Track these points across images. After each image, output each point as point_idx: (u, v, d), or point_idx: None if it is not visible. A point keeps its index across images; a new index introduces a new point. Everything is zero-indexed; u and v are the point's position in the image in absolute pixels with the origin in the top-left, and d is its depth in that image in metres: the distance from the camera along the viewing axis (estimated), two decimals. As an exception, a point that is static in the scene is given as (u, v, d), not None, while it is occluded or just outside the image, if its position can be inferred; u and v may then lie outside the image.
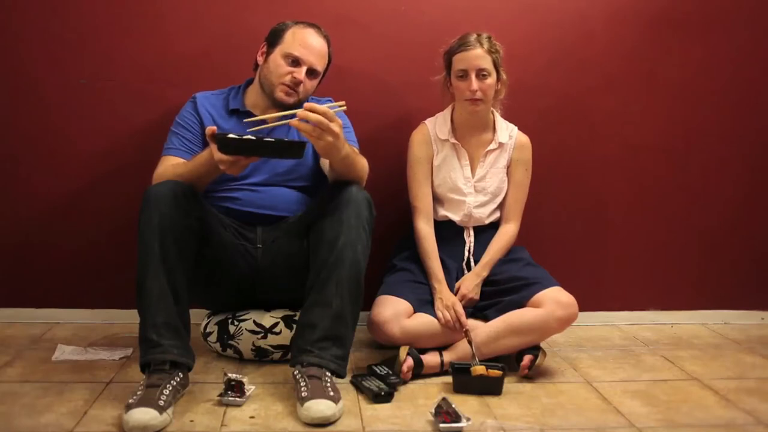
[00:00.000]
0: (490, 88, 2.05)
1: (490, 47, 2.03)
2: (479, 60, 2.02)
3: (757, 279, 2.60)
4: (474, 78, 2.02)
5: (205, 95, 2.04)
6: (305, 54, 1.94)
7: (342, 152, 1.72)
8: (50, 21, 2.23)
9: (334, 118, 1.64)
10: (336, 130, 1.64)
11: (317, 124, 1.62)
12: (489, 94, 2.06)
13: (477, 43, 2.03)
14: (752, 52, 2.51)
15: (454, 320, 1.95)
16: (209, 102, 2.02)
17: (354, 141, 2.01)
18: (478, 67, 2.02)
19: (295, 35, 1.96)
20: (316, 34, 1.98)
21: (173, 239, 1.68)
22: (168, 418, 1.55)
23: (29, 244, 2.31)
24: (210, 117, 1.99)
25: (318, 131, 1.63)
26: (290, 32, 1.97)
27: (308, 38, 1.96)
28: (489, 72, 2.03)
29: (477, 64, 2.02)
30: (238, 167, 1.69)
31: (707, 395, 1.85)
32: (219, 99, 2.05)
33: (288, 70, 1.93)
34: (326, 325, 1.72)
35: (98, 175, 2.30)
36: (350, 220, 1.76)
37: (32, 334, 2.19)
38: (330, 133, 1.64)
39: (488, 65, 2.03)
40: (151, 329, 1.65)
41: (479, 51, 2.02)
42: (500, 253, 2.13)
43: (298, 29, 1.98)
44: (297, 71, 1.93)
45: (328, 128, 1.63)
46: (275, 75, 1.94)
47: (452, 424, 1.56)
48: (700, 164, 2.54)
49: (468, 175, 2.15)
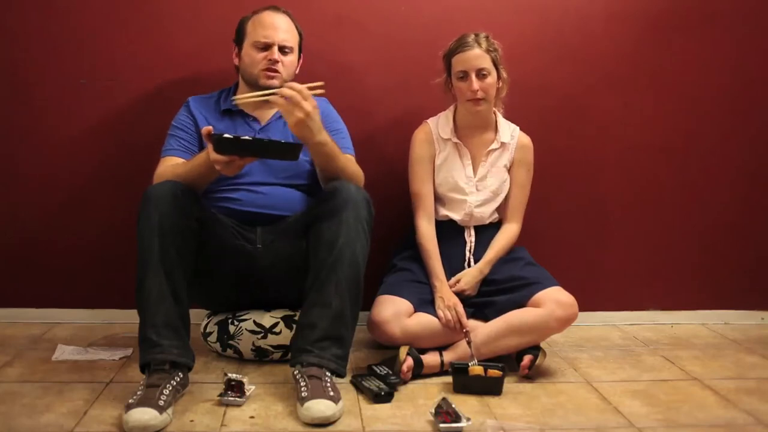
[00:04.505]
0: (491, 87, 2.05)
1: (488, 46, 2.04)
2: (478, 60, 2.02)
3: (757, 279, 2.60)
4: (474, 78, 2.02)
5: (197, 99, 2.07)
6: (270, 35, 1.97)
7: (316, 137, 1.76)
8: (50, 21, 2.23)
9: (308, 98, 1.71)
10: (307, 109, 1.70)
11: (289, 98, 1.68)
12: (490, 93, 2.06)
13: (475, 43, 2.03)
14: (752, 52, 2.51)
15: (455, 321, 1.95)
16: (202, 105, 2.05)
17: (349, 148, 2.02)
18: (477, 67, 2.02)
19: (254, 23, 1.99)
20: (274, 13, 2.00)
21: (173, 239, 1.68)
22: (168, 418, 1.55)
23: (29, 244, 2.31)
24: (204, 119, 2.01)
25: (290, 105, 1.69)
26: (250, 23, 2.01)
27: (268, 19, 1.99)
28: (489, 71, 2.03)
29: (476, 64, 2.02)
30: (234, 167, 1.70)
31: (707, 395, 1.85)
32: (210, 102, 2.07)
33: (261, 56, 1.96)
34: (326, 324, 1.72)
35: (98, 175, 2.30)
36: (349, 219, 1.76)
37: (32, 334, 2.19)
38: (301, 110, 1.69)
39: (487, 64, 2.03)
40: (151, 329, 1.65)
41: (478, 51, 2.02)
42: (502, 252, 2.13)
43: (256, 16, 2.01)
44: (269, 53, 1.96)
45: (299, 104, 1.69)
46: (252, 65, 1.97)
47: (452, 424, 1.56)
48: (700, 164, 2.53)
49: (470, 175, 2.15)
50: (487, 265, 2.10)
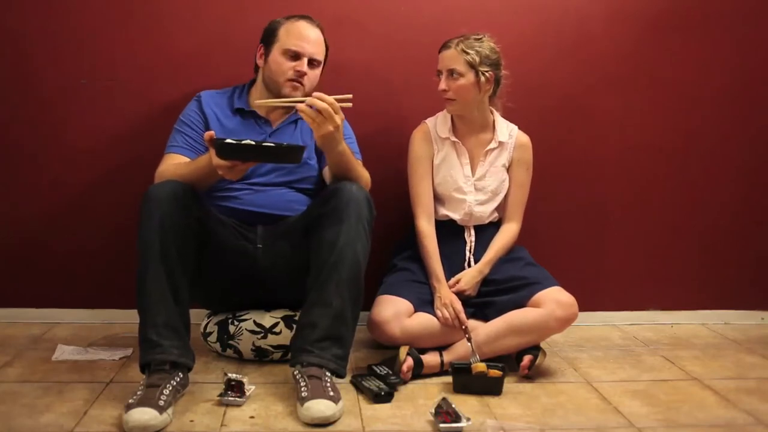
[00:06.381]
0: (462, 88, 2.04)
1: (465, 47, 2.03)
2: (450, 60, 2.04)
3: (757, 279, 2.60)
4: (444, 78, 2.04)
5: (210, 94, 2.05)
6: (303, 46, 1.97)
7: (339, 145, 1.77)
8: (50, 21, 2.23)
9: (339, 111, 1.71)
10: (338, 122, 1.71)
11: (322, 111, 1.68)
12: (461, 94, 2.05)
13: (452, 44, 2.05)
14: (752, 52, 2.51)
15: (453, 318, 1.95)
16: (214, 101, 2.03)
17: (358, 153, 2.02)
18: (448, 68, 2.04)
19: (289, 30, 1.98)
20: (309, 25, 2.00)
21: (173, 239, 1.68)
22: (168, 418, 1.55)
23: (29, 244, 2.31)
24: (215, 116, 1.99)
25: (321, 118, 1.69)
26: (283, 29, 1.99)
27: (303, 30, 1.98)
28: (461, 72, 2.03)
29: (447, 64, 2.04)
30: (237, 172, 1.69)
31: (707, 395, 1.85)
32: (224, 98, 2.05)
33: (290, 66, 1.96)
34: (326, 324, 1.72)
35: (98, 175, 2.30)
36: (350, 219, 1.76)
37: (32, 334, 2.19)
38: (332, 123, 1.70)
39: (460, 66, 2.02)
40: (152, 329, 1.65)
41: (451, 52, 2.04)
42: (502, 251, 2.13)
43: (291, 24, 1.99)
44: (298, 64, 1.96)
45: (331, 117, 1.70)
46: (279, 73, 1.96)
47: (452, 424, 1.56)
48: (700, 164, 2.53)
49: (468, 174, 2.15)
50: (487, 265, 2.10)
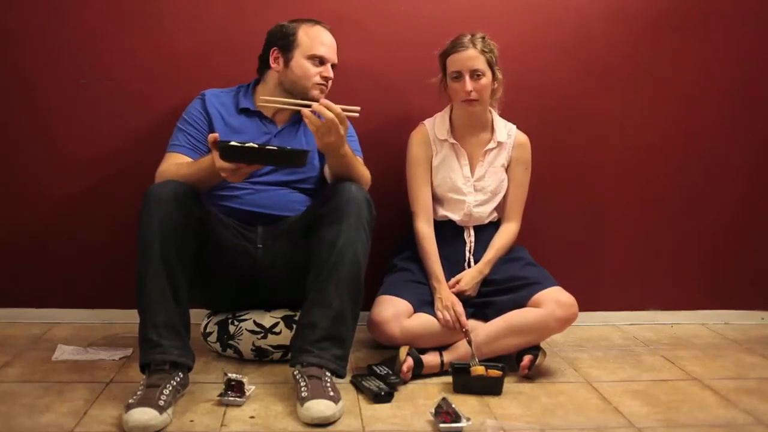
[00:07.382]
0: (485, 88, 2.05)
1: (483, 47, 2.03)
2: (472, 61, 2.02)
3: (757, 279, 2.60)
4: (468, 79, 2.02)
5: (214, 93, 2.04)
6: (328, 52, 2.00)
7: (340, 150, 1.77)
8: (50, 21, 2.23)
9: (344, 122, 1.72)
10: (342, 133, 1.73)
11: (328, 121, 1.68)
12: (484, 94, 2.06)
13: (470, 44, 2.03)
14: (752, 52, 2.51)
15: (454, 320, 1.95)
16: (219, 100, 2.02)
17: (359, 150, 2.03)
18: (471, 68, 2.02)
19: (309, 35, 1.98)
20: (326, 30, 2.02)
21: (174, 240, 1.68)
22: (168, 418, 1.55)
23: (29, 244, 2.31)
24: (219, 115, 1.99)
25: (326, 128, 1.70)
26: (302, 33, 1.98)
27: (323, 36, 2.00)
28: (483, 72, 2.03)
29: (470, 65, 2.02)
30: (240, 175, 1.70)
31: (707, 395, 1.85)
32: (228, 97, 2.05)
33: (317, 71, 1.98)
34: (326, 325, 1.72)
35: (98, 175, 2.30)
36: (350, 219, 1.76)
37: (32, 334, 2.19)
38: (335, 134, 1.70)
39: (482, 65, 2.03)
40: (152, 329, 1.65)
41: (472, 52, 2.02)
42: (502, 251, 2.13)
43: (309, 29, 2.00)
44: (324, 70, 1.99)
45: (336, 128, 1.70)
46: (305, 78, 1.97)
47: (452, 424, 1.56)
48: (700, 164, 2.53)
49: (467, 175, 2.15)
50: (487, 266, 2.10)
